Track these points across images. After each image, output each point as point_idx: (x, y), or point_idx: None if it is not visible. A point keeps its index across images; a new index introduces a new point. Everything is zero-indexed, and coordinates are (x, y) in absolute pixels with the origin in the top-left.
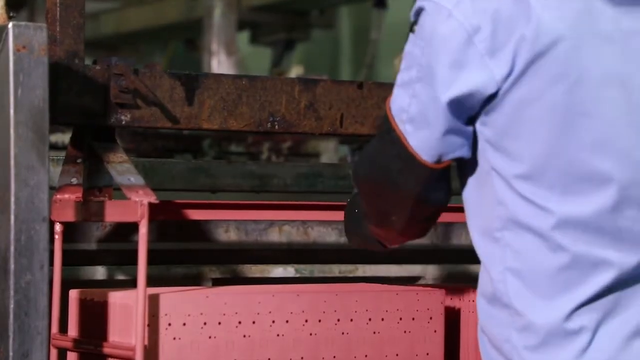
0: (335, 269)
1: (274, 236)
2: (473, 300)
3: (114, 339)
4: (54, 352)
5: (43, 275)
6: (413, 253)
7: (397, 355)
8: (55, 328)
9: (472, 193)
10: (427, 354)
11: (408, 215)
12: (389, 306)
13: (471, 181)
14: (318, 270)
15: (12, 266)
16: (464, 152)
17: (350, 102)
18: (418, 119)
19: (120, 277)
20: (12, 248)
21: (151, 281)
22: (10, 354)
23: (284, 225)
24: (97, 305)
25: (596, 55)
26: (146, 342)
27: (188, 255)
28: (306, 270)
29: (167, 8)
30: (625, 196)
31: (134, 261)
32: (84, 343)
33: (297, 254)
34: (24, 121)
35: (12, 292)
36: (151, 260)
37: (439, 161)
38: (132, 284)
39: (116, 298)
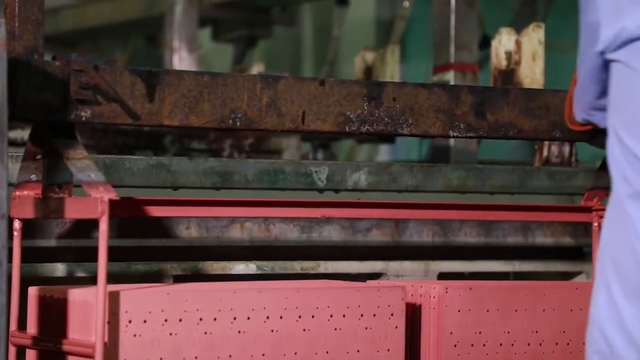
0: (297, 266)
1: (236, 233)
2: (434, 297)
3: (74, 336)
4: (12, 350)
5: (1, 272)
6: (374, 250)
7: (358, 351)
8: (14, 325)
9: None
10: (388, 350)
11: None
12: (351, 303)
13: None
14: (280, 267)
15: None
16: None
17: (312, 99)
18: None
19: (80, 274)
20: None
21: (111, 278)
22: None
23: (246, 222)
24: (56, 303)
25: None
26: (106, 340)
27: (149, 252)
28: (268, 266)
29: (127, 4)
30: None
31: (94, 258)
32: (44, 340)
33: (258, 250)
34: None
35: None
36: (111, 257)
37: None
38: (92, 281)
39: (76, 295)
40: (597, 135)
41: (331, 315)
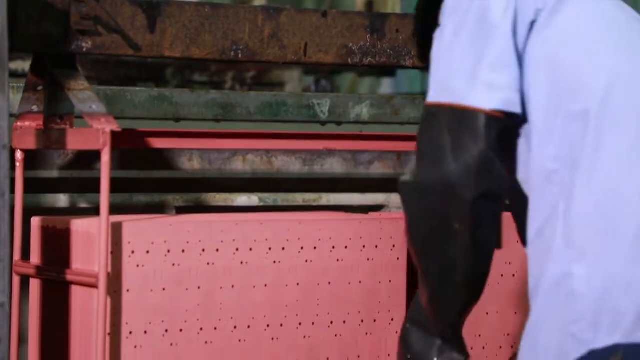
0: (299, 198)
1: (238, 165)
2: None
3: (77, 266)
4: (16, 279)
5: (4, 203)
6: (376, 182)
7: (360, 282)
8: (17, 255)
9: None
10: (390, 281)
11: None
12: (353, 234)
13: None
14: (282, 199)
15: None
16: None
17: (314, 30)
18: None
19: (83, 205)
20: None
21: (114, 209)
22: None
23: (248, 154)
24: (59, 233)
25: None
26: (109, 270)
27: (151, 184)
28: (270, 199)
29: None
30: None
31: (96, 189)
32: (47, 270)
33: (260, 182)
34: None
35: None
36: (114, 188)
37: None
38: (94, 212)
39: (79, 226)
40: None
41: (333, 247)
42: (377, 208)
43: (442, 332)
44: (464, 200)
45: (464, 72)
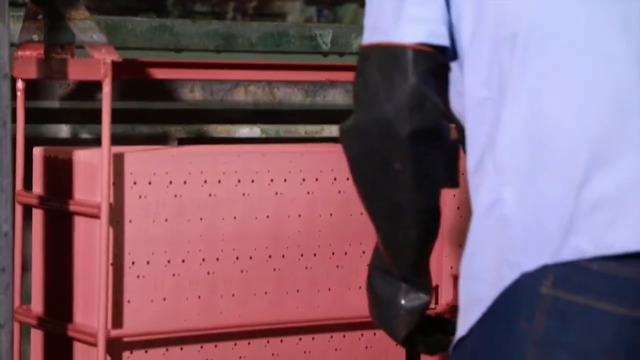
0: (301, 130)
1: (240, 96)
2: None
3: (79, 197)
4: (19, 209)
5: (6, 132)
6: None
7: (361, 214)
8: (19, 185)
9: None
10: None
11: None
12: None
13: None
14: (284, 130)
15: None
16: None
17: None
18: None
19: (85, 135)
20: None
21: (116, 140)
22: None
23: (250, 85)
24: (61, 164)
25: None
26: (111, 201)
27: (153, 115)
28: (272, 130)
29: None
30: None
31: (98, 120)
32: (49, 200)
33: (262, 114)
34: None
35: None
36: (115, 119)
37: None
38: (96, 142)
39: (81, 156)
40: None
41: (335, 179)
42: None
43: (404, 275)
44: (401, 138)
45: (390, 10)
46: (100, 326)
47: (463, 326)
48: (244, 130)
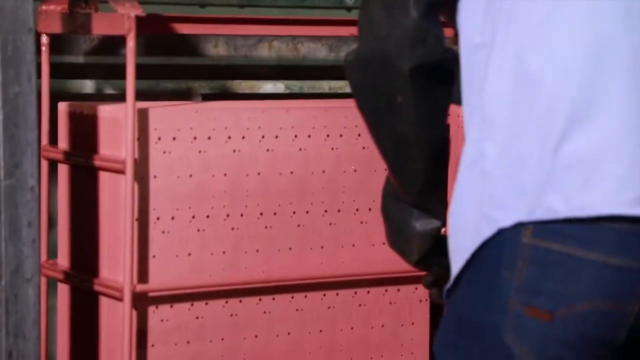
0: (325, 85)
1: (264, 51)
2: (459, 115)
3: (104, 152)
4: (44, 164)
5: (31, 87)
6: None
7: (385, 170)
8: (45, 140)
9: None
10: None
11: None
12: None
13: None
14: (308, 86)
15: None
16: None
17: None
18: None
19: (109, 90)
20: None
21: (140, 95)
22: (2, 164)
23: (274, 40)
24: (86, 119)
25: None
26: (136, 156)
27: (177, 70)
28: (296, 86)
29: None
30: None
31: (122, 75)
32: (74, 155)
33: (286, 69)
34: None
35: (0, 104)
36: (140, 74)
37: None
38: (121, 98)
39: (105, 112)
40: None
41: (359, 135)
42: None
43: (414, 202)
44: (402, 72)
45: None
46: (126, 281)
47: (451, 277)
48: (268, 86)
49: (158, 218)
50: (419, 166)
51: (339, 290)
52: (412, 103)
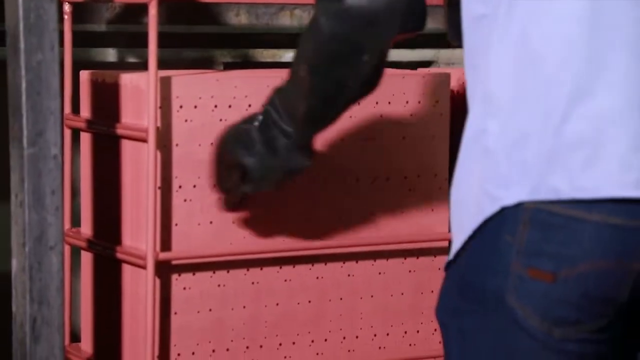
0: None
1: (285, 20)
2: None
3: (126, 120)
4: (67, 132)
5: (54, 55)
6: (425, 37)
7: (403, 138)
8: (68, 109)
9: None
10: (433, 136)
11: None
12: (396, 90)
13: None
14: None
15: (22, 45)
16: None
17: None
18: None
19: (131, 59)
20: (21, 27)
21: (162, 64)
22: (25, 132)
23: (295, 9)
24: (108, 87)
25: None
26: (158, 124)
27: (199, 39)
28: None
29: None
30: None
31: (144, 43)
32: (97, 124)
33: None
34: None
35: (23, 72)
36: (162, 43)
37: None
38: (143, 66)
39: (127, 80)
40: None
41: (377, 103)
42: (426, 64)
43: (301, 139)
44: (384, 36)
45: None
46: (149, 249)
47: (452, 251)
48: (290, 55)
49: (180, 186)
50: (337, 114)
51: (358, 259)
52: (374, 62)
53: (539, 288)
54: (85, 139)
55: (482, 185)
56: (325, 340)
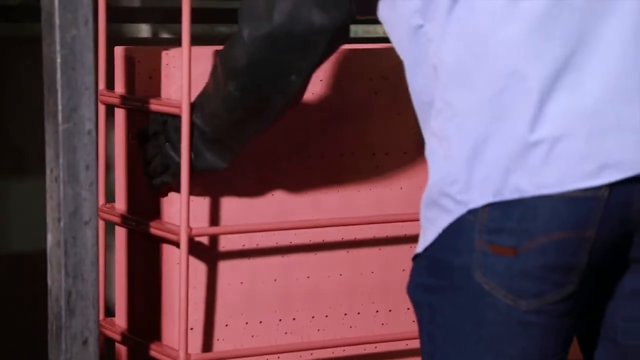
0: (380, 29)
1: None
2: None
3: (160, 96)
4: (102, 108)
5: (88, 31)
6: None
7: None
8: (102, 85)
9: None
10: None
11: None
12: (363, 65)
13: None
14: (362, 30)
15: (57, 20)
16: None
17: None
18: None
19: (165, 35)
20: (56, 2)
21: (195, 40)
22: (60, 107)
23: None
24: (142, 63)
25: None
26: (192, 100)
27: (232, 15)
28: (350, 30)
29: None
30: None
31: (178, 19)
32: (131, 100)
33: None
34: None
35: (58, 47)
36: (195, 18)
37: None
38: (176, 42)
39: (161, 56)
40: None
41: (342, 79)
42: None
43: (229, 147)
44: (313, 58)
45: None
46: (182, 224)
47: (421, 244)
48: None
49: None
50: (260, 129)
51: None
52: (301, 82)
53: (502, 263)
54: (120, 114)
55: (446, 191)
56: (359, 313)
